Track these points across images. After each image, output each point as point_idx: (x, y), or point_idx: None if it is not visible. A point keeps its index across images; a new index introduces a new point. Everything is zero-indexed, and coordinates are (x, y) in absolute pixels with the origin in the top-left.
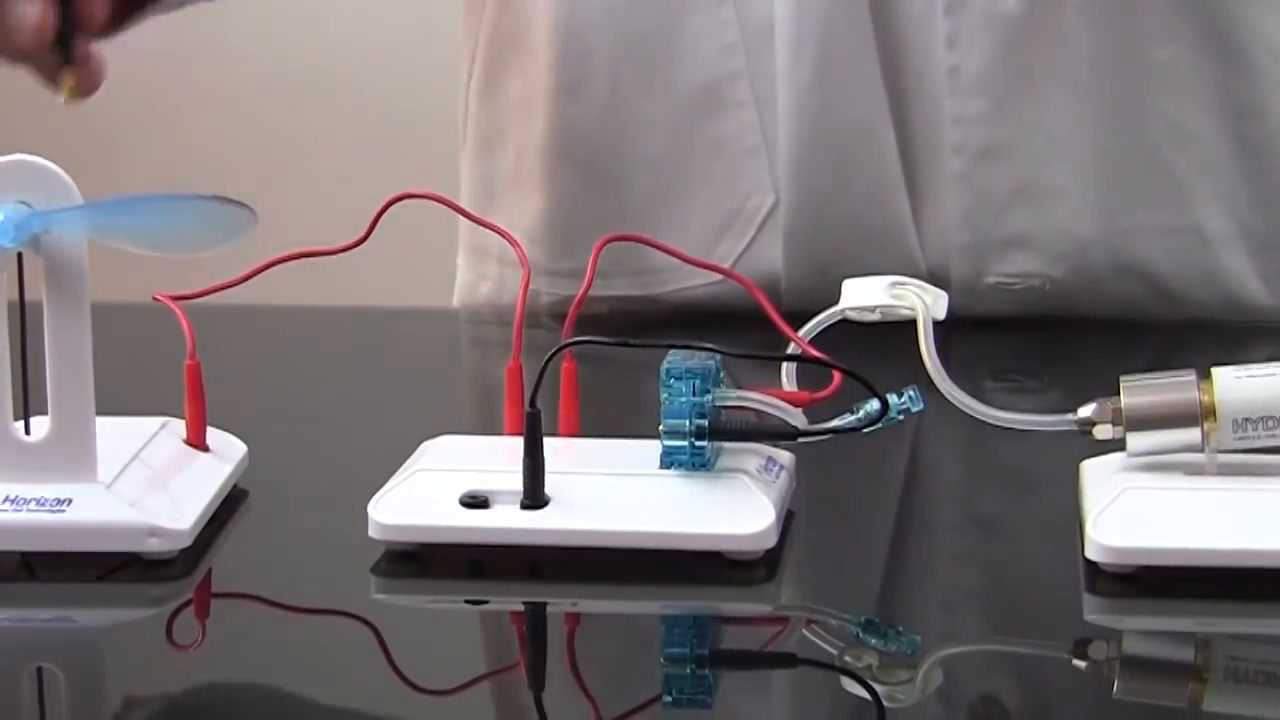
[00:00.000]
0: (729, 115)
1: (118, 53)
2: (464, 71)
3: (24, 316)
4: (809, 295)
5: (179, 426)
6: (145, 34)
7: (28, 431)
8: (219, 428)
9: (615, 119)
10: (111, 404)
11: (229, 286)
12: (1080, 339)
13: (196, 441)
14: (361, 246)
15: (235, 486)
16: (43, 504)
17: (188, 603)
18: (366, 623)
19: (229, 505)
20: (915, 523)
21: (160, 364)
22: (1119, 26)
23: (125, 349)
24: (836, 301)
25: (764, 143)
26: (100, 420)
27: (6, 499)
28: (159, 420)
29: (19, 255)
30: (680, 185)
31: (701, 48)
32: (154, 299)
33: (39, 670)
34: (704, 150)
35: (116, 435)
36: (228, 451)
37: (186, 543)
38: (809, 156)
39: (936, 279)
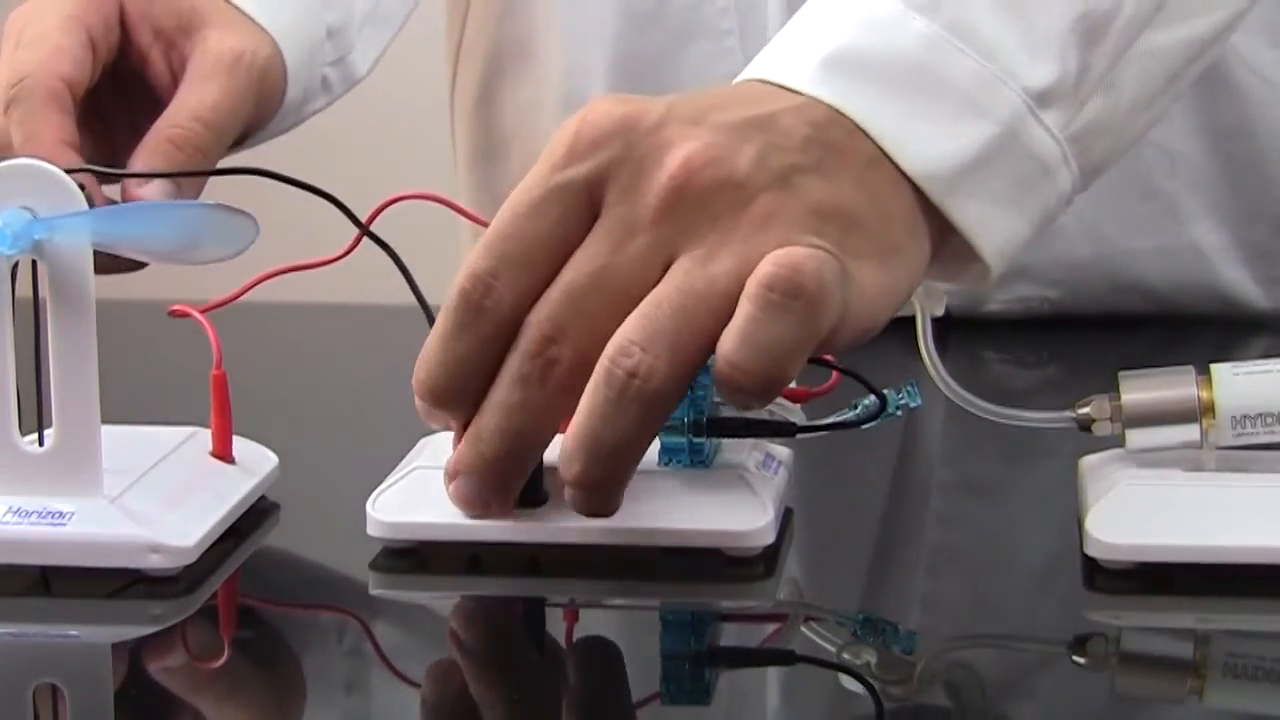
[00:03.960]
0: None
1: None
2: (448, 83)
3: (39, 324)
4: None
5: (206, 437)
6: None
7: (42, 442)
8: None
9: None
10: (139, 411)
11: (226, 302)
12: (1079, 336)
13: (222, 453)
14: (360, 242)
15: (264, 498)
16: (44, 517)
17: (186, 622)
18: (364, 620)
19: (253, 518)
20: (913, 519)
21: (184, 368)
22: None
23: (149, 352)
24: None
25: None
26: (126, 429)
27: (9, 510)
28: (187, 430)
29: (33, 263)
30: None
31: (705, 74)
32: (170, 312)
33: (25, 688)
34: None
35: (138, 446)
36: (255, 464)
37: (190, 560)
38: None
39: None
